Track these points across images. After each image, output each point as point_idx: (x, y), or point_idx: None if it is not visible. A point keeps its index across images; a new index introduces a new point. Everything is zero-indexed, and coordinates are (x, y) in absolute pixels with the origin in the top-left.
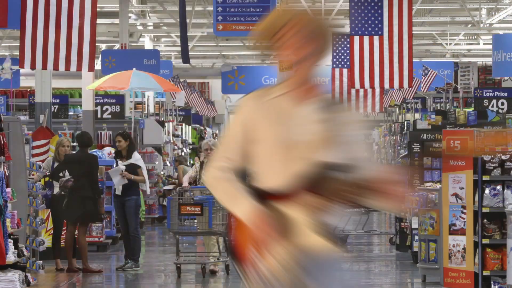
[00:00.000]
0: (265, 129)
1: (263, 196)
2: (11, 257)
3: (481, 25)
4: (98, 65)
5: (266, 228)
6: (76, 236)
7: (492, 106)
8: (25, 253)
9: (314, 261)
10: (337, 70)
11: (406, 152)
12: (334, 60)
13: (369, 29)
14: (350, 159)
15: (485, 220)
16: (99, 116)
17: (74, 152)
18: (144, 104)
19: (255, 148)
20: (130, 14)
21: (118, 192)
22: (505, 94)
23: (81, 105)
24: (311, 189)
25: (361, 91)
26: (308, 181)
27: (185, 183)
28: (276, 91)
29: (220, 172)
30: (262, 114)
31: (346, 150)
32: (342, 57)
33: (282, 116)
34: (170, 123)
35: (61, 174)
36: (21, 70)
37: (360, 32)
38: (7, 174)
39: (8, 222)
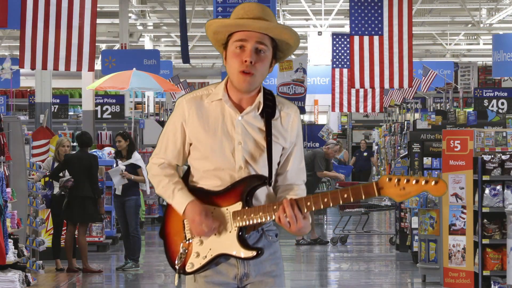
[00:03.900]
0: (201, 132)
1: (198, 194)
2: (11, 257)
3: (481, 25)
4: (98, 65)
5: (203, 221)
6: (76, 236)
7: (492, 106)
8: (25, 253)
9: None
10: (337, 70)
11: (406, 152)
12: (334, 60)
13: (369, 29)
14: (281, 172)
15: (485, 220)
16: (99, 116)
17: (74, 152)
18: (144, 104)
19: (192, 148)
20: (130, 14)
21: (118, 192)
22: (505, 94)
23: (81, 105)
24: (240, 198)
25: (361, 91)
26: (239, 190)
27: None
28: (215, 94)
29: (159, 169)
30: (198, 118)
31: (280, 158)
32: (342, 57)
33: (217, 122)
34: None
35: (61, 174)
36: (21, 70)
37: (360, 32)
38: (7, 174)
39: (8, 222)
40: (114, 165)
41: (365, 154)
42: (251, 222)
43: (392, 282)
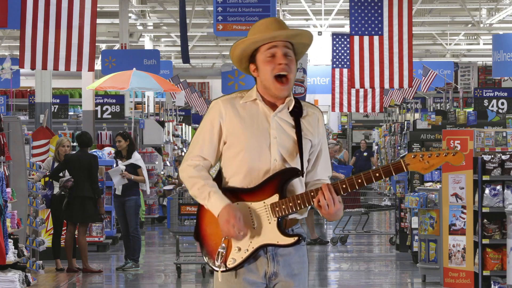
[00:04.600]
0: (238, 128)
1: (232, 193)
2: (11, 257)
3: (481, 25)
4: (98, 65)
5: (236, 224)
6: (76, 236)
7: (492, 106)
8: (25, 253)
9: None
10: (337, 70)
11: (406, 152)
12: (334, 60)
13: (369, 29)
14: (311, 169)
15: (485, 220)
16: (99, 116)
17: (74, 152)
18: (144, 104)
19: (226, 147)
20: (130, 14)
21: (118, 192)
22: (505, 94)
23: (81, 105)
24: (276, 190)
25: (361, 91)
26: (274, 183)
27: None
28: (249, 96)
29: (194, 170)
30: (235, 116)
31: (310, 156)
32: (342, 57)
33: (253, 120)
34: (170, 123)
35: (61, 174)
36: (21, 70)
37: (360, 32)
38: (7, 174)
39: (8, 222)
40: (114, 165)
41: (365, 154)
42: (290, 211)
43: (392, 282)
